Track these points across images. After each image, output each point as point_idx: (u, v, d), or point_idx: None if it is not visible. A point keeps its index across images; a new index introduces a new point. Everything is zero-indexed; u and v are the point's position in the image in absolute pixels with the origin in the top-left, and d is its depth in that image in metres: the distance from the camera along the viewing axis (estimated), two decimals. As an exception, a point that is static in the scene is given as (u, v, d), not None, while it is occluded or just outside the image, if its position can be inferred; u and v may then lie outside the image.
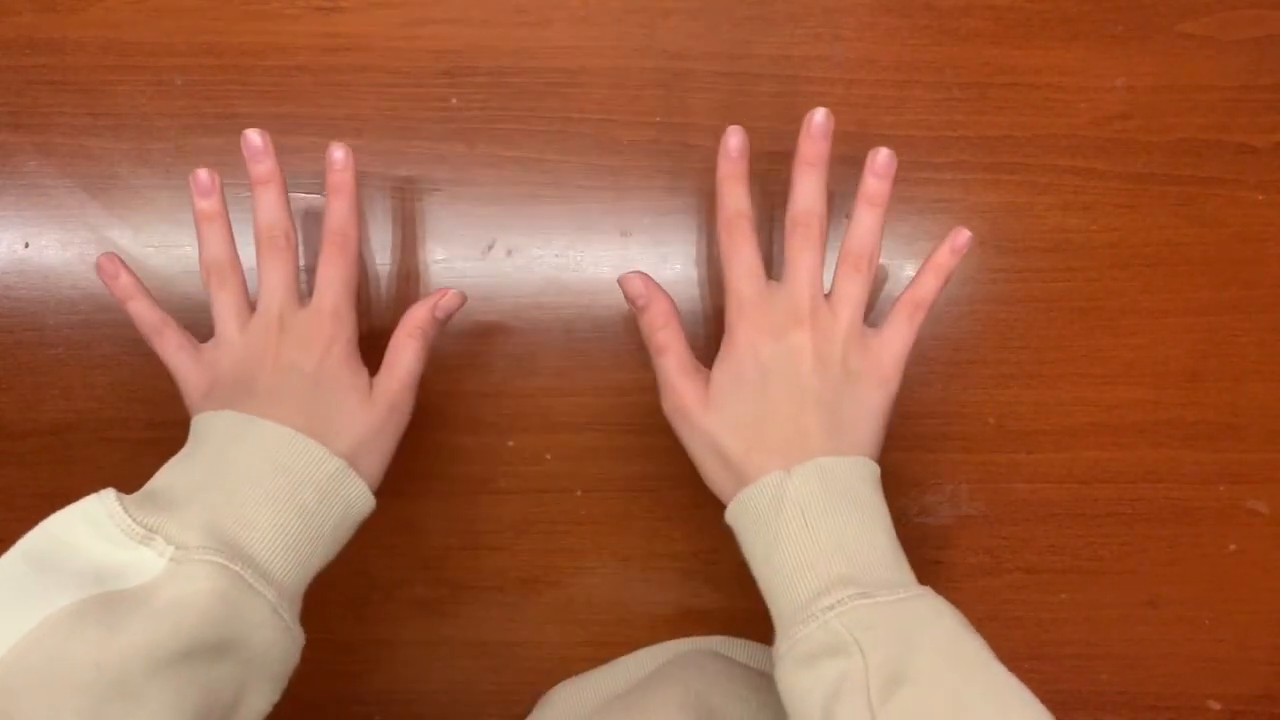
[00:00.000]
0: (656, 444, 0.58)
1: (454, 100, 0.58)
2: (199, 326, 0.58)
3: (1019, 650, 0.59)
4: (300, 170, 0.58)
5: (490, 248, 0.58)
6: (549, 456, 0.59)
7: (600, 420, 0.58)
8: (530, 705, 0.59)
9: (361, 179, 0.57)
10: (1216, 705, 0.59)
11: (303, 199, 0.58)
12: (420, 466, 0.58)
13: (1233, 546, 0.59)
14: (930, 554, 0.58)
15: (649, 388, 0.57)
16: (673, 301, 0.51)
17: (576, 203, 0.58)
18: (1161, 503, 0.59)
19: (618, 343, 0.58)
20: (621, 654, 0.59)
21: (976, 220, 0.58)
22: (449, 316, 0.52)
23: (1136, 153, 0.58)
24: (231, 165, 0.58)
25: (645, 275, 0.51)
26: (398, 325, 0.51)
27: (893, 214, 0.58)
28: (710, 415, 0.48)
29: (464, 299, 0.52)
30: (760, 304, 0.48)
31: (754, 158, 0.57)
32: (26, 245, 0.58)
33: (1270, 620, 0.59)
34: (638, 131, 0.58)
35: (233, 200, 0.57)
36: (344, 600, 0.59)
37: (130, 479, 0.58)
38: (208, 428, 0.46)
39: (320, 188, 0.58)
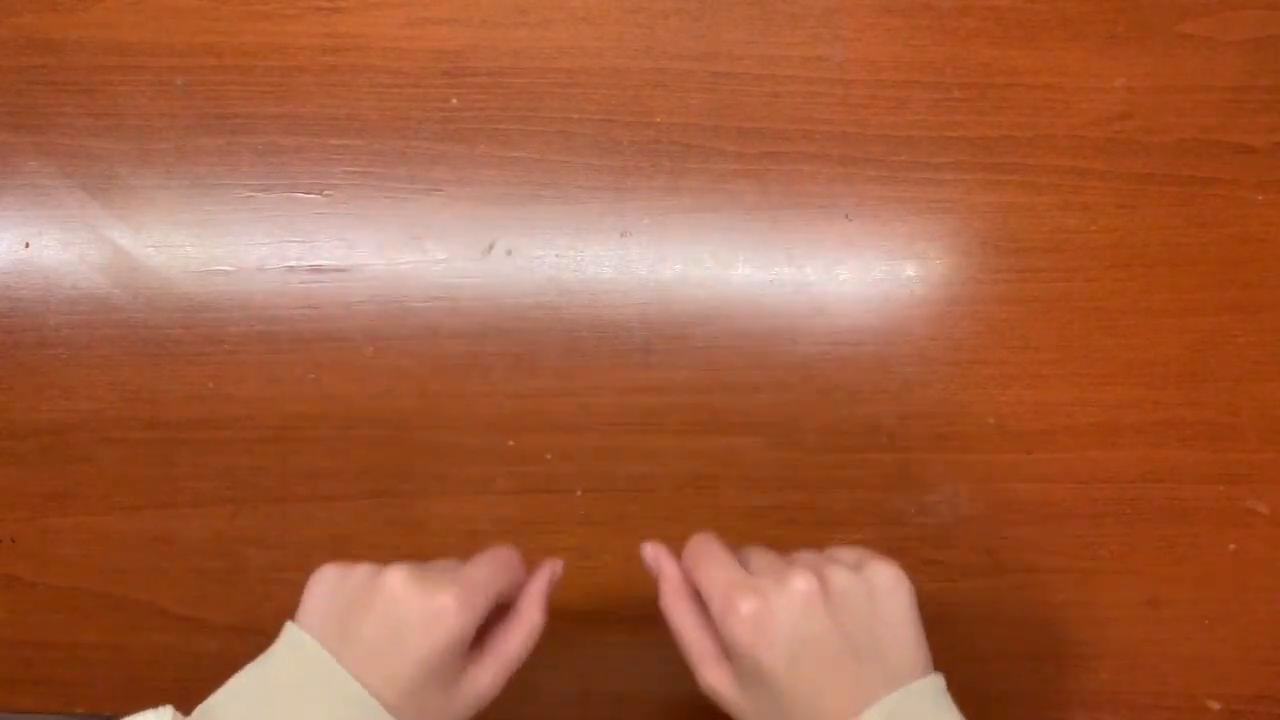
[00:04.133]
0: (657, 444, 0.58)
1: (454, 101, 0.58)
2: (199, 327, 0.58)
3: (1018, 650, 0.59)
4: (302, 170, 0.58)
5: (490, 248, 0.58)
6: (549, 456, 0.59)
7: (601, 420, 0.58)
8: (529, 706, 0.59)
9: (362, 178, 0.58)
10: (1216, 705, 0.59)
11: (303, 199, 0.58)
12: (420, 467, 0.58)
13: (1232, 546, 0.59)
14: (930, 554, 0.58)
15: (649, 387, 0.58)
16: (681, 577, 0.47)
17: (577, 203, 0.58)
18: (1161, 503, 0.59)
19: (618, 342, 0.58)
20: (623, 655, 0.59)
21: (976, 220, 0.58)
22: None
23: (1136, 153, 0.58)
24: (231, 165, 0.58)
25: (655, 545, 0.49)
26: (518, 601, 0.47)
27: (892, 214, 0.58)
28: (747, 705, 0.44)
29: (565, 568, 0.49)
30: (743, 582, 0.44)
31: (755, 157, 0.58)
32: (27, 245, 0.58)
33: (1270, 620, 0.59)
34: (638, 132, 0.58)
35: (242, 201, 0.58)
36: (344, 600, 0.59)
37: (131, 479, 0.59)
38: (292, 647, 0.43)
39: (320, 187, 0.58)
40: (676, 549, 0.58)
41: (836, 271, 0.58)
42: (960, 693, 0.59)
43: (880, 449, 0.58)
